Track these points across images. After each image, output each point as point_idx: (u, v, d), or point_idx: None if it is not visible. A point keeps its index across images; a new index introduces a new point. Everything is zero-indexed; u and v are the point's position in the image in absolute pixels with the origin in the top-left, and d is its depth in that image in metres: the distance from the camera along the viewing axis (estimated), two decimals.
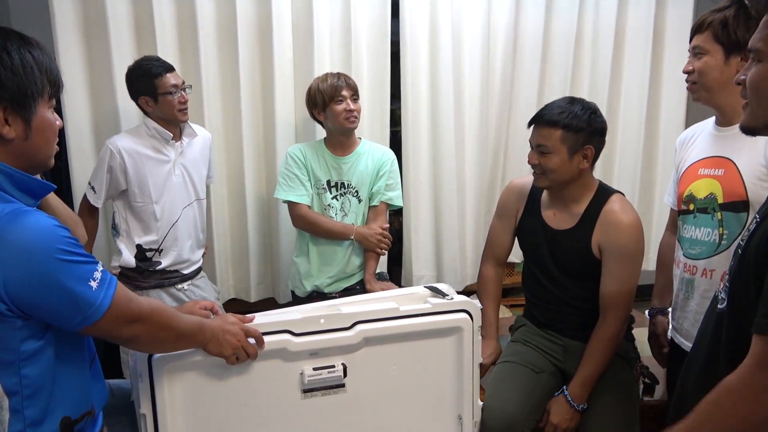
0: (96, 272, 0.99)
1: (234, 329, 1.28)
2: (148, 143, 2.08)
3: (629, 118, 2.88)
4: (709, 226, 1.46)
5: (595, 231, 1.66)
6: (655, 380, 1.85)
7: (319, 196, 2.20)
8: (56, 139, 1.06)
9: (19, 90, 0.96)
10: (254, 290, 2.62)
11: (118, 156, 2.03)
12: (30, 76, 0.97)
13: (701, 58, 1.47)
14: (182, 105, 2.06)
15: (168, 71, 2.04)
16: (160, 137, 2.09)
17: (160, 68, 2.03)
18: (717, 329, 1.00)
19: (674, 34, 2.83)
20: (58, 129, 1.05)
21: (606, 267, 1.65)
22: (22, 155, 0.99)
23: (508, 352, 1.81)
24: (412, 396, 1.48)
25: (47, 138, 1.03)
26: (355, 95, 2.13)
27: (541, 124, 1.65)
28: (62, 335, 1.02)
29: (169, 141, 2.10)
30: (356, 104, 2.13)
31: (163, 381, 1.27)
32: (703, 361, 1.03)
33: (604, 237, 1.64)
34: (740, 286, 0.95)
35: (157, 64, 2.05)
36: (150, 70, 2.03)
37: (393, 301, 1.46)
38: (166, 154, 2.10)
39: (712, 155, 1.49)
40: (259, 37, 2.43)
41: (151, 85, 2.02)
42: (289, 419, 1.39)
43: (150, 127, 2.08)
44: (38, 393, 1.00)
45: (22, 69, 0.96)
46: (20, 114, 0.97)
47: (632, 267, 1.64)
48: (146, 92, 2.04)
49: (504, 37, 2.66)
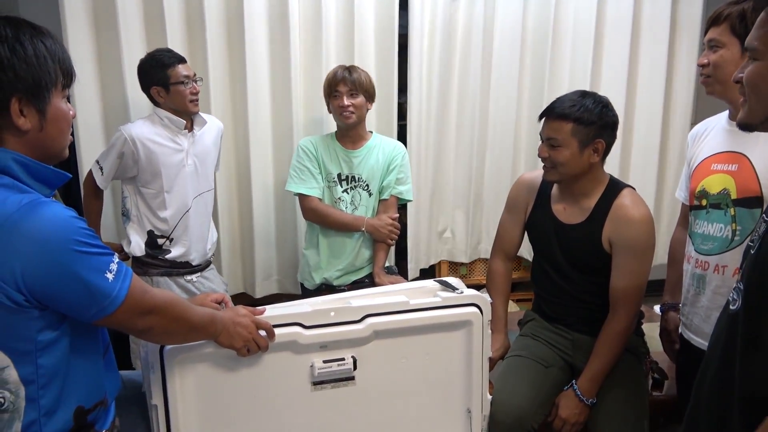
0: (112, 264, 1.00)
1: (245, 321, 1.28)
2: (161, 132, 2.09)
3: (642, 112, 2.87)
4: (721, 221, 1.45)
5: (606, 225, 1.65)
6: (664, 375, 1.84)
7: (330, 189, 2.20)
8: (70, 129, 1.06)
9: (34, 81, 0.96)
10: (261, 285, 2.63)
11: (131, 144, 2.03)
12: (44, 67, 0.97)
13: (717, 51, 1.45)
14: (193, 96, 2.07)
15: (180, 62, 2.06)
16: (173, 126, 2.09)
17: (172, 59, 2.05)
18: (731, 333, 0.98)
19: (685, 28, 2.81)
20: (71, 119, 1.05)
21: (616, 262, 1.64)
22: (37, 146, 0.99)
23: (517, 347, 1.81)
24: (422, 389, 1.48)
25: (61, 128, 1.02)
26: (354, 90, 2.10)
27: (552, 117, 1.65)
28: (78, 325, 1.03)
29: (182, 130, 2.11)
30: (355, 99, 2.11)
31: (175, 372, 1.28)
32: (717, 368, 1.01)
33: (615, 231, 1.64)
34: (755, 290, 0.92)
35: (169, 55, 2.06)
36: (162, 60, 2.04)
37: (403, 295, 1.46)
38: (179, 144, 2.11)
39: (725, 150, 1.48)
40: (268, 30, 2.43)
41: (163, 75, 2.03)
42: (298, 411, 1.39)
43: (162, 116, 2.09)
44: (53, 382, 1.00)
45: (35, 59, 0.96)
46: (35, 105, 0.97)
47: (642, 262, 1.64)
48: (158, 82, 2.04)
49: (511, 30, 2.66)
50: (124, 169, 2.07)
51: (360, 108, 2.13)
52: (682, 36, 2.83)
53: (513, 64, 2.70)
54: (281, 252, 2.64)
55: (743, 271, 0.98)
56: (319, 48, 2.44)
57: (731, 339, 0.97)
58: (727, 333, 0.99)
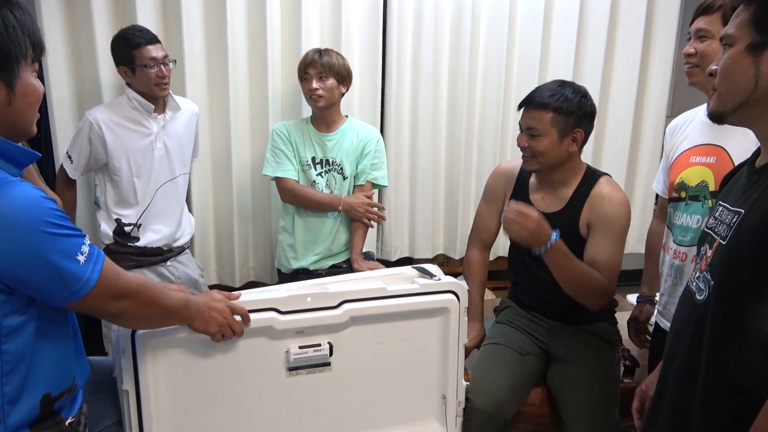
0: (84, 246, 0.97)
1: (220, 306, 1.26)
2: (128, 115, 2.03)
3: (616, 103, 2.89)
4: (699, 213, 1.47)
5: (584, 211, 1.66)
6: (635, 363, 1.88)
7: (305, 173, 2.19)
8: (38, 105, 1.01)
9: (2, 52, 0.92)
10: (239, 274, 2.59)
11: (97, 128, 1.98)
12: (13, 38, 0.93)
13: (705, 41, 1.43)
14: (159, 79, 1.99)
15: (149, 43, 1.97)
16: (141, 109, 2.04)
17: (140, 39, 1.97)
18: (698, 324, 0.98)
19: (662, 21, 2.83)
20: (41, 95, 1.01)
21: (592, 239, 1.64)
22: (3, 121, 0.95)
23: (494, 334, 1.83)
24: (398, 375, 1.48)
25: (31, 103, 0.98)
26: (323, 73, 2.08)
27: (531, 106, 1.65)
28: (45, 310, 0.99)
29: (151, 113, 2.05)
30: (325, 83, 2.09)
31: (147, 357, 1.25)
32: (684, 357, 1.01)
33: (593, 213, 1.65)
34: (729, 280, 0.92)
35: (139, 34, 1.98)
36: (130, 40, 1.96)
37: (380, 281, 1.46)
38: (147, 127, 2.05)
39: (704, 143, 1.49)
40: (247, 10, 2.38)
41: (129, 55, 1.97)
42: (273, 397, 1.38)
43: (131, 98, 2.03)
44: (18, 369, 0.97)
45: (4, 29, 0.92)
46: (3, 77, 0.93)
47: (618, 240, 1.63)
48: (125, 62, 1.99)
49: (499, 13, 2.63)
50: (96, 157, 2.02)
51: (330, 91, 2.10)
52: (658, 29, 2.84)
53: (501, 54, 2.67)
54: (258, 238, 2.60)
55: (712, 263, 0.97)
56: (298, 30, 2.40)
57: (698, 330, 0.97)
58: (694, 324, 0.99)
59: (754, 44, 0.92)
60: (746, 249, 0.89)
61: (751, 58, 0.92)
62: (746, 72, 0.92)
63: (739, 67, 0.93)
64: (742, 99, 0.94)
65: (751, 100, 0.93)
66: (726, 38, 0.96)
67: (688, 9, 2.99)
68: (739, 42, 0.94)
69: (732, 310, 0.92)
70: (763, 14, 0.91)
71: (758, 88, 0.92)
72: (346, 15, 2.45)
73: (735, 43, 0.94)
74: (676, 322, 1.09)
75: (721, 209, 1.00)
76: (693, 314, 1.00)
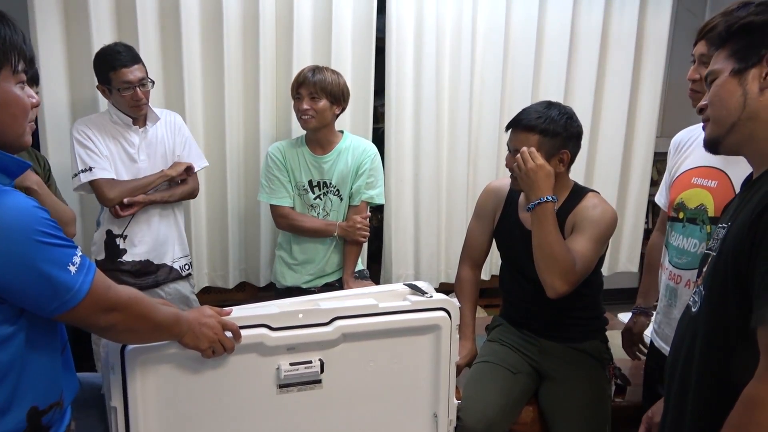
0: (75, 257, 0.97)
1: (211, 322, 1.25)
2: (111, 129, 2.05)
3: (608, 122, 2.93)
4: (696, 237, 1.45)
5: (568, 220, 1.66)
6: (627, 382, 1.88)
7: (301, 197, 2.19)
8: (27, 117, 1.00)
9: None
10: (231, 276, 2.61)
11: (86, 136, 2.00)
12: None
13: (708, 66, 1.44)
14: (135, 102, 1.99)
15: (125, 66, 1.94)
16: (122, 123, 2.06)
17: (117, 62, 1.95)
18: (693, 335, 1.02)
19: (651, 42, 2.88)
20: (29, 106, 1.00)
21: (572, 236, 1.63)
22: None
23: (485, 352, 1.82)
24: (389, 393, 1.47)
25: (13, 113, 0.97)
26: (315, 94, 2.06)
27: (518, 128, 1.67)
28: (35, 321, 0.99)
29: (132, 126, 2.07)
30: (317, 103, 2.06)
31: (136, 373, 1.24)
32: (681, 369, 1.04)
33: (576, 218, 1.65)
34: (717, 287, 0.96)
35: (119, 56, 1.96)
36: (108, 61, 1.96)
37: (372, 298, 1.45)
38: (129, 140, 2.08)
39: (706, 165, 1.47)
40: (243, 30, 2.41)
41: (106, 76, 1.98)
42: (264, 414, 1.37)
43: (112, 113, 2.06)
44: (6, 380, 0.96)
45: None
46: None
47: (596, 238, 1.61)
48: (102, 82, 2.01)
49: (493, 35, 2.67)
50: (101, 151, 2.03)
51: (322, 112, 2.07)
52: (648, 50, 2.90)
53: (497, 71, 2.71)
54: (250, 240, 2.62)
55: (705, 276, 1.02)
56: (290, 49, 2.43)
57: (693, 341, 1.01)
58: (690, 336, 1.03)
59: (737, 69, 0.98)
60: (730, 255, 0.93)
61: (737, 81, 0.98)
62: (734, 93, 0.98)
63: (727, 90, 0.99)
64: (734, 119, 0.98)
65: (742, 120, 0.97)
66: (711, 75, 1.03)
67: (677, 30, 3.06)
68: (723, 73, 1.00)
69: (720, 315, 0.95)
70: (739, 46, 0.98)
71: (747, 107, 0.97)
72: (341, 34, 2.49)
73: (720, 75, 1.00)
74: (675, 338, 1.12)
75: (717, 229, 1.05)
76: (689, 326, 1.04)
